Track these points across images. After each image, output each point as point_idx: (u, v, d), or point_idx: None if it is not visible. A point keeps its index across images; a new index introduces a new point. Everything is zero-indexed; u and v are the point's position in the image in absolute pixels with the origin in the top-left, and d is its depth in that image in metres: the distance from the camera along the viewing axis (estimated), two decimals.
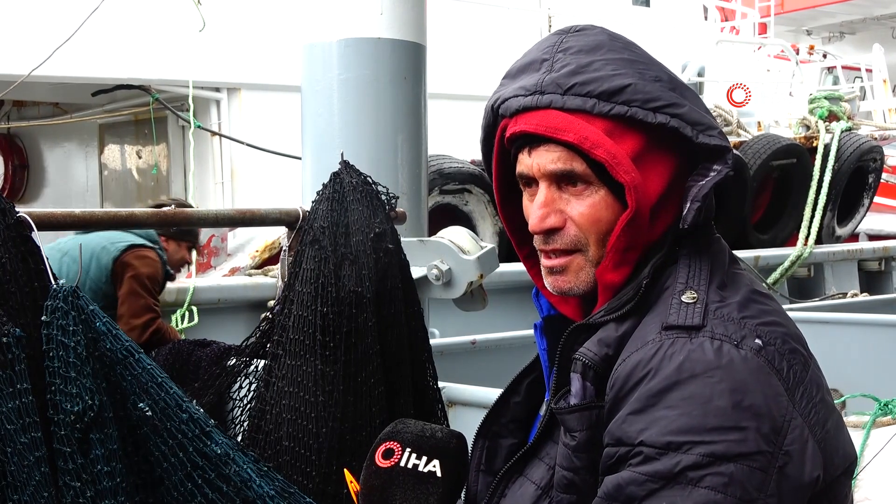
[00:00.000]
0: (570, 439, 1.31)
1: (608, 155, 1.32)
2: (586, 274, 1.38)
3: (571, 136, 1.33)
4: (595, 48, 1.37)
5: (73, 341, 1.76)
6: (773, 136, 10.98)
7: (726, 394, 1.21)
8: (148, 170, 9.68)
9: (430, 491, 1.39)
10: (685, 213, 1.35)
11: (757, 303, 1.34)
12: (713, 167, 1.36)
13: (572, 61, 1.36)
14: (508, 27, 10.18)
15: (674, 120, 1.33)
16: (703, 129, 1.35)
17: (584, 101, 1.33)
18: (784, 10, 20.47)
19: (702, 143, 1.34)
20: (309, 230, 2.34)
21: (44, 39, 6.68)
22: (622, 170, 1.32)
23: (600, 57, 1.36)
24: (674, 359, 1.24)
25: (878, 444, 2.56)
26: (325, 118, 3.32)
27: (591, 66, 1.35)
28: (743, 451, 1.19)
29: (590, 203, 1.36)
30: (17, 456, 1.71)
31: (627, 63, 1.36)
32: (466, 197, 8.59)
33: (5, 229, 1.89)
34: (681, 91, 1.37)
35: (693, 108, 1.35)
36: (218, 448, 1.76)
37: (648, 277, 1.35)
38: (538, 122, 1.35)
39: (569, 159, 1.35)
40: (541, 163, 1.36)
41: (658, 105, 1.33)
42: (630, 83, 1.33)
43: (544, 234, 1.38)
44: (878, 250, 11.17)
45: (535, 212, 1.38)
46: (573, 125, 1.33)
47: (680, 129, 1.33)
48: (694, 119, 1.34)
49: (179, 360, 2.53)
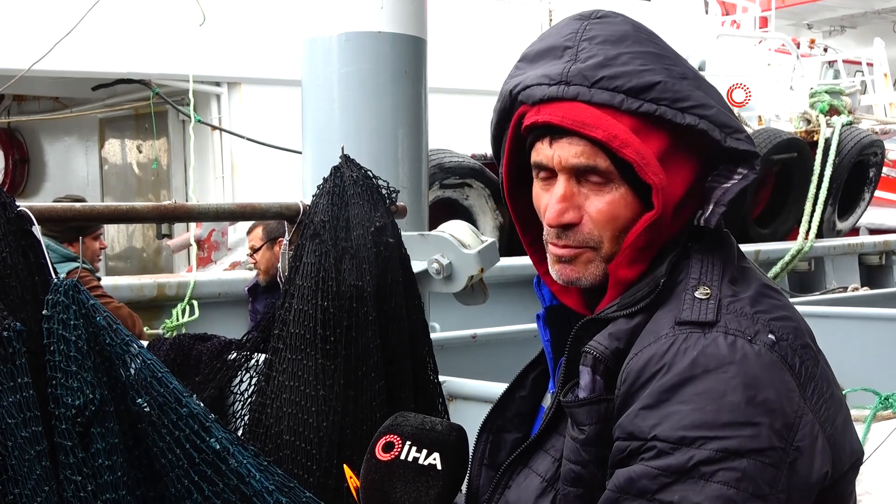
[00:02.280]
0: (578, 433, 1.30)
1: (637, 155, 1.29)
2: (595, 267, 1.37)
3: (600, 133, 1.29)
4: (621, 39, 1.33)
5: (74, 335, 1.76)
6: (774, 130, 10.97)
7: (740, 389, 1.21)
8: (148, 164, 9.68)
9: (430, 484, 1.39)
10: (708, 214, 1.34)
11: (769, 297, 1.34)
12: (738, 170, 1.34)
13: (598, 52, 1.32)
14: (509, 21, 10.17)
15: (703, 122, 1.31)
16: (731, 133, 1.32)
17: (613, 96, 1.30)
18: (785, 4, 20.45)
19: (730, 147, 1.32)
20: (309, 224, 2.33)
21: (44, 34, 6.68)
22: (651, 171, 1.29)
23: (626, 49, 1.32)
24: (687, 354, 1.24)
25: (879, 438, 2.56)
26: (325, 112, 3.31)
27: (619, 59, 1.31)
28: (756, 446, 1.19)
29: (609, 200, 1.33)
30: (17, 450, 1.71)
31: (655, 58, 1.33)
32: (467, 191, 8.58)
33: (6, 223, 1.88)
34: (706, 90, 1.34)
35: (721, 109, 1.33)
36: (217, 444, 1.76)
37: (665, 276, 1.33)
38: (564, 115, 1.31)
39: (593, 155, 1.31)
40: (563, 155, 1.33)
41: (687, 105, 1.30)
42: (660, 80, 1.30)
43: (559, 229, 1.36)
44: (879, 244, 11.19)
45: (554, 206, 1.34)
46: (601, 121, 1.29)
47: (709, 132, 1.31)
48: (722, 122, 1.32)
49: (180, 355, 2.53)
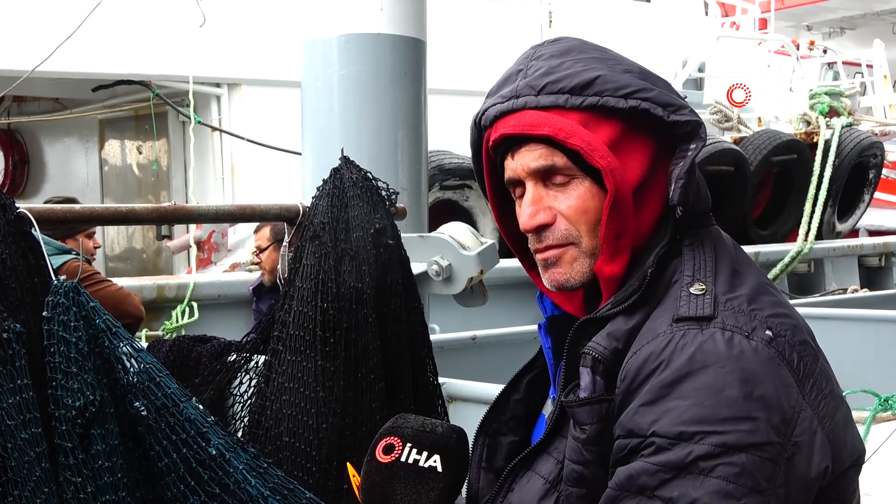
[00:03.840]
0: (580, 433, 1.31)
1: (583, 143, 1.35)
2: (581, 265, 1.40)
3: (547, 129, 1.37)
4: (566, 51, 1.42)
5: (74, 337, 1.76)
6: (774, 131, 10.97)
7: (738, 384, 1.22)
8: (148, 165, 9.69)
9: (430, 486, 1.40)
10: (671, 192, 1.37)
11: (767, 294, 1.35)
12: (689, 147, 1.39)
13: (544, 65, 1.41)
14: (509, 22, 10.18)
15: (644, 103, 1.37)
16: (674, 110, 1.38)
17: (557, 97, 1.38)
18: (784, 6, 20.44)
19: (673, 120, 1.38)
20: (309, 226, 2.33)
21: (45, 36, 6.69)
22: (598, 155, 1.35)
23: (570, 58, 1.41)
24: (685, 350, 1.25)
25: (879, 439, 2.57)
26: (325, 114, 3.32)
27: (563, 65, 1.40)
28: (754, 441, 1.20)
29: (576, 195, 1.39)
30: (17, 452, 1.71)
31: (598, 60, 1.41)
32: (467, 193, 8.58)
33: (5, 225, 1.88)
34: (652, 80, 1.41)
35: (663, 91, 1.39)
36: (213, 449, 1.76)
37: (653, 266, 1.36)
38: (515, 123, 1.40)
39: (549, 155, 1.38)
40: (524, 162, 1.40)
41: (628, 91, 1.37)
42: (599, 74, 1.38)
43: (536, 232, 1.41)
44: (879, 246, 11.18)
45: (525, 210, 1.41)
46: (548, 120, 1.37)
47: (651, 110, 1.37)
48: (664, 101, 1.38)
49: (180, 356, 2.53)
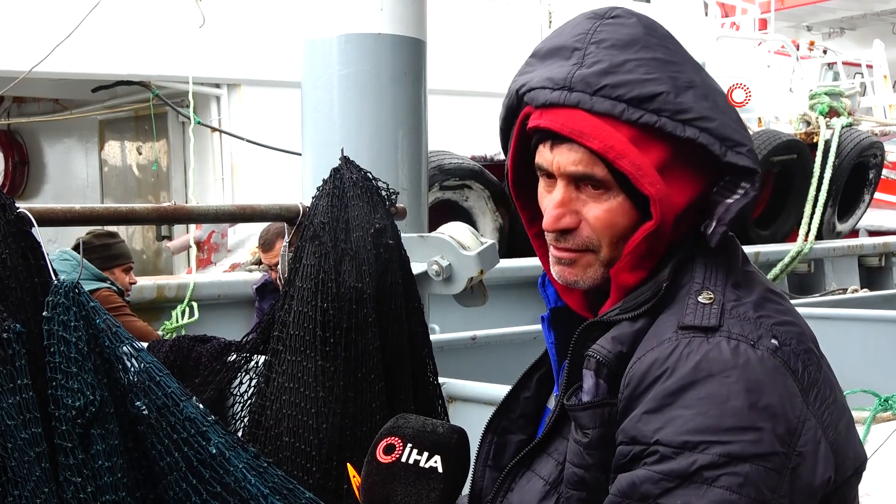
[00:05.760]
0: (582, 436, 1.30)
1: (633, 167, 1.29)
2: (595, 271, 1.37)
3: (597, 144, 1.30)
4: (629, 43, 1.32)
5: (74, 337, 1.76)
6: (774, 132, 10.96)
7: (743, 394, 1.20)
8: (148, 166, 9.68)
9: (431, 486, 1.39)
10: (710, 232, 1.33)
11: (772, 302, 1.33)
12: (741, 184, 1.33)
13: (605, 58, 1.31)
14: (509, 23, 10.17)
15: (703, 135, 1.29)
16: (732, 146, 1.31)
17: (614, 105, 1.29)
18: (784, 6, 20.43)
19: (729, 162, 1.31)
20: (309, 226, 2.34)
21: (44, 36, 6.68)
22: (647, 182, 1.29)
23: (633, 56, 1.31)
24: (690, 358, 1.23)
25: (879, 439, 2.56)
26: (325, 114, 3.31)
27: (624, 66, 1.30)
28: (758, 451, 1.19)
29: (606, 208, 1.33)
30: (17, 451, 1.71)
31: (662, 64, 1.31)
32: (466, 193, 8.57)
33: (5, 225, 1.88)
34: (713, 98, 1.33)
35: (725, 121, 1.31)
36: (213, 448, 1.76)
37: (668, 281, 1.33)
38: (563, 123, 1.32)
39: (590, 163, 1.32)
40: (561, 162, 1.33)
41: (688, 118, 1.29)
42: (662, 91, 1.29)
43: (557, 233, 1.36)
44: (879, 246, 11.19)
45: (551, 211, 1.35)
46: (599, 131, 1.29)
47: (708, 146, 1.30)
48: (724, 135, 1.30)
49: (180, 356, 2.53)
